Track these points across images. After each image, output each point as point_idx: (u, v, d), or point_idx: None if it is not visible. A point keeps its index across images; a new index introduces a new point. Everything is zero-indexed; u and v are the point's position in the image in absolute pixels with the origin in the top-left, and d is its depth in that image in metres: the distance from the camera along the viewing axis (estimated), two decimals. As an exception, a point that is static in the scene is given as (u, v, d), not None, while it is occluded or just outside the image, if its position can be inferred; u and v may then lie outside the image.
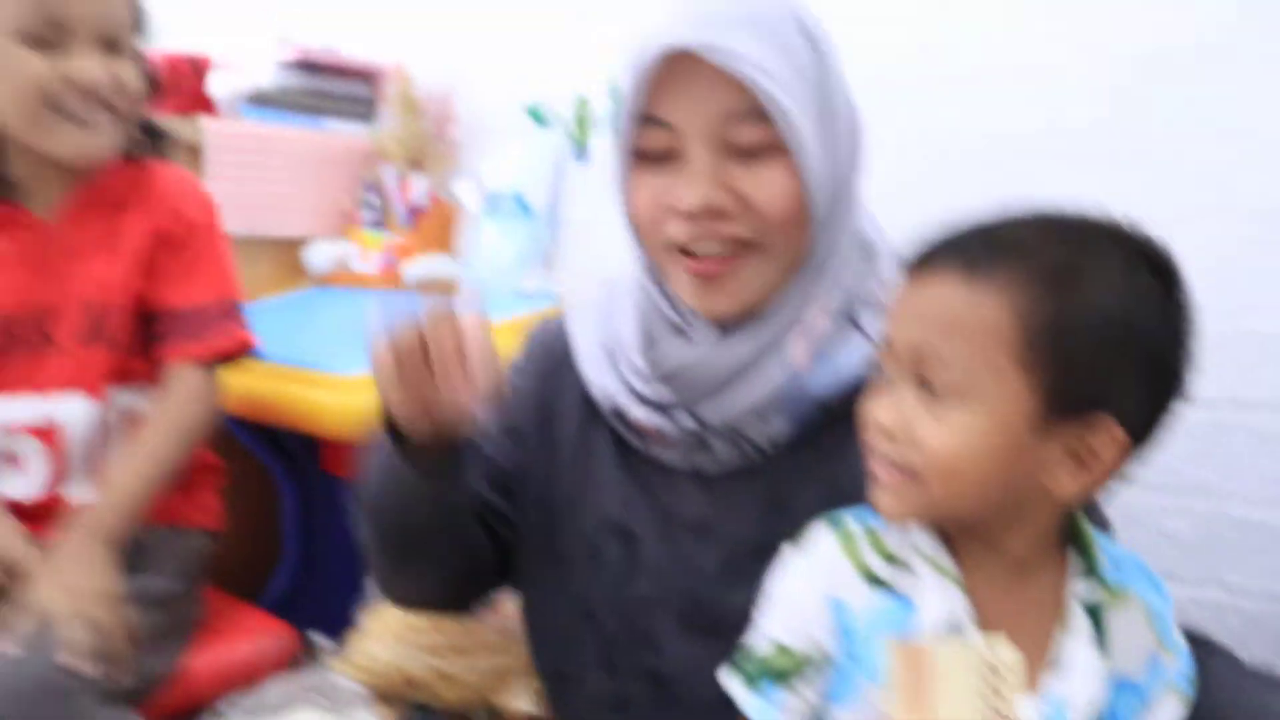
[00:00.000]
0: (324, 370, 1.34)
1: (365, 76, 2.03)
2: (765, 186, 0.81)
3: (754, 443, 0.86)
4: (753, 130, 0.79)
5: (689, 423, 0.86)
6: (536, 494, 0.95)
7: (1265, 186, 1.15)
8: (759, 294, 0.84)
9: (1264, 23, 1.16)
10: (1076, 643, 0.68)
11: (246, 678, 1.15)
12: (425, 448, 0.81)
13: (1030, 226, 0.66)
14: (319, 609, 1.48)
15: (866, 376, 0.81)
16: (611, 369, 0.91)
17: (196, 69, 1.85)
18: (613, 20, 1.64)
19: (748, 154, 0.80)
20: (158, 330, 1.17)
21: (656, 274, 0.89)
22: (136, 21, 1.14)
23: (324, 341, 1.53)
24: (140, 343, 1.17)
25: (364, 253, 1.82)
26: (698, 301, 0.85)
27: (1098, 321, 0.62)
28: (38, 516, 1.13)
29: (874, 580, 0.70)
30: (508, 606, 1.27)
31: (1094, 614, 0.69)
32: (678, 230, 0.82)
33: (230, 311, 1.20)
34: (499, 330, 1.35)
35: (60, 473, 1.15)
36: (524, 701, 1.18)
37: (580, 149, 1.71)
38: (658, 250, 0.86)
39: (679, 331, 0.88)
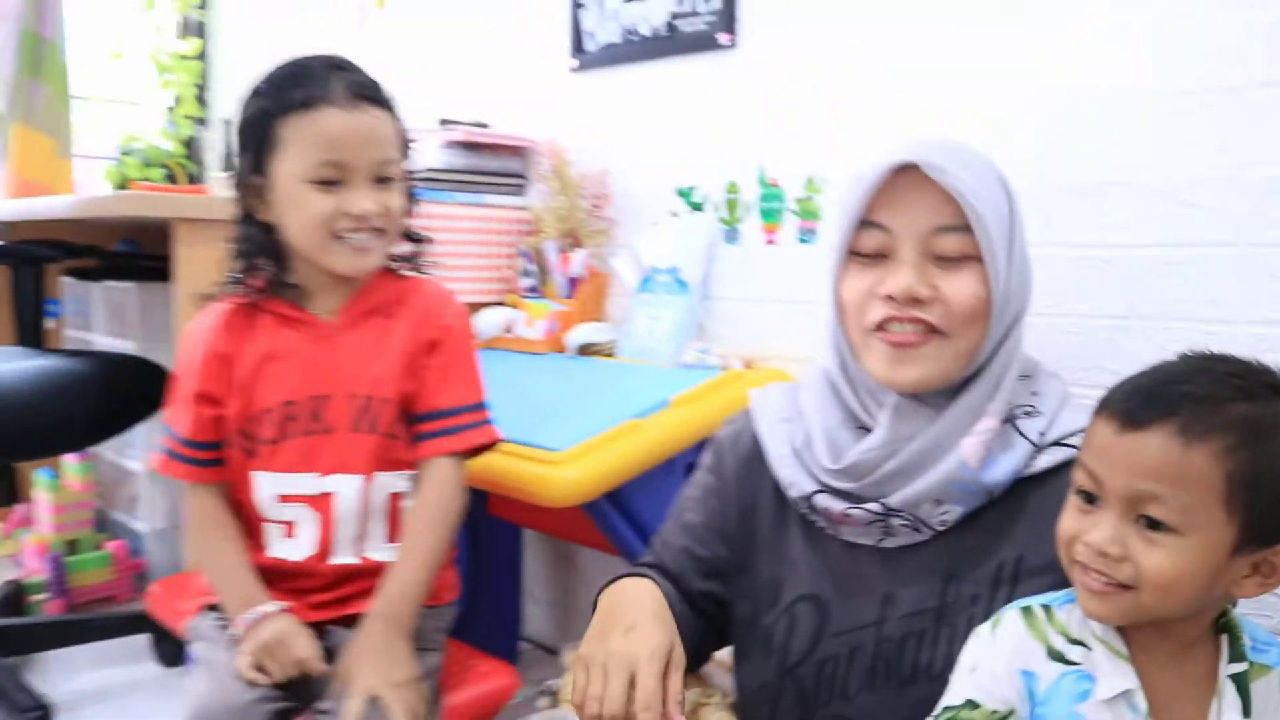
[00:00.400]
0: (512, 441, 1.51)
1: (518, 152, 2.22)
2: (959, 286, 0.98)
3: (929, 524, 1.02)
4: (955, 240, 0.98)
5: (875, 508, 1.02)
6: (742, 578, 1.13)
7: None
8: (938, 375, 1.01)
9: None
10: (1228, 710, 0.83)
11: (490, 713, 1.34)
12: None
13: (1221, 385, 0.81)
14: (484, 640, 1.62)
15: (1024, 468, 0.99)
16: (801, 467, 1.08)
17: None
18: (764, 116, 1.84)
19: (947, 261, 0.99)
20: (419, 428, 1.32)
21: (847, 363, 1.07)
22: (404, 153, 1.32)
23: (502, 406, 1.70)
24: (402, 433, 1.32)
25: (529, 319, 2.01)
26: (889, 371, 1.01)
27: None
28: (304, 578, 1.31)
29: (1058, 657, 0.86)
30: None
31: (1241, 685, 0.84)
32: (879, 312, 1.00)
33: (481, 411, 1.34)
34: (670, 409, 1.53)
35: (327, 541, 1.30)
36: None
37: (731, 231, 1.89)
38: (858, 332, 1.04)
39: (863, 429, 1.06)
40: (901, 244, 1.00)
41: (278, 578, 1.30)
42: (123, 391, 1.99)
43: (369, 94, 1.25)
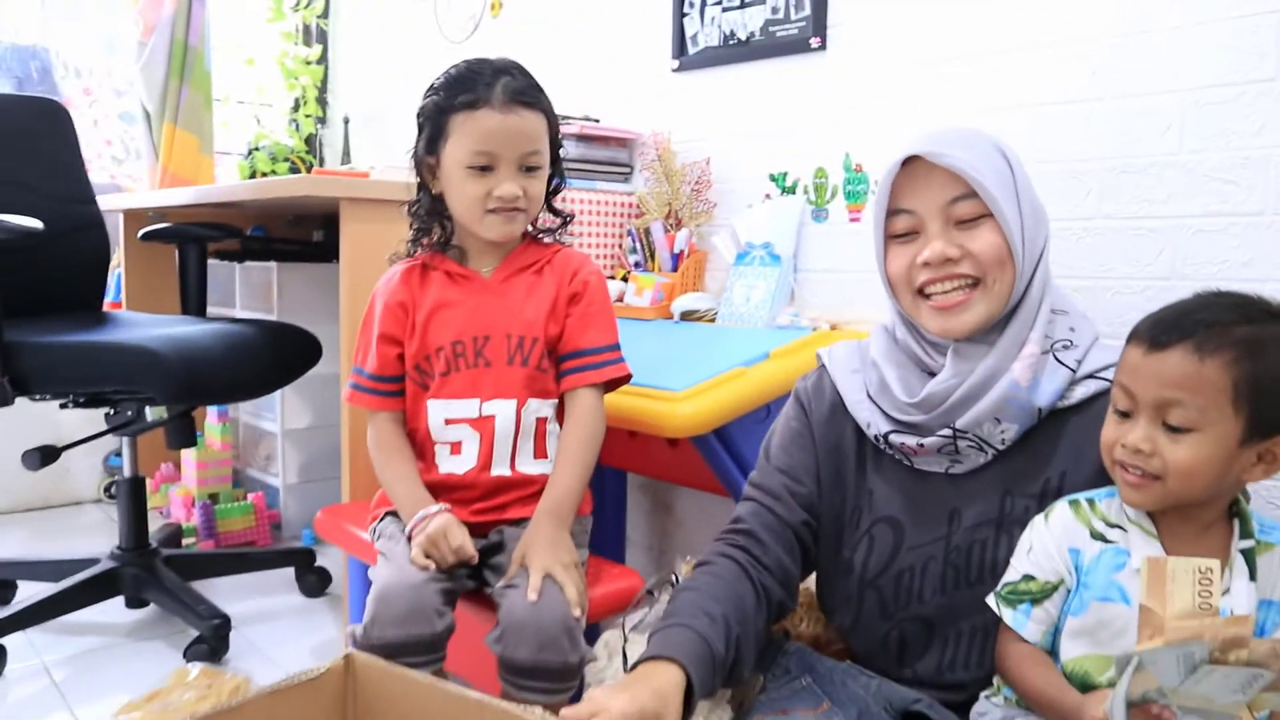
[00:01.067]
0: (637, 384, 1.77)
1: (624, 144, 2.50)
2: (981, 240, 1.18)
3: (991, 443, 1.20)
4: (968, 205, 1.18)
5: (945, 433, 1.21)
6: (830, 509, 1.33)
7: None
8: (985, 318, 1.20)
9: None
10: (1238, 579, 1.01)
11: (621, 605, 1.59)
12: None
13: (1228, 312, 1.01)
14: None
15: (1064, 393, 1.20)
16: (876, 409, 1.29)
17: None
18: (849, 110, 2.09)
19: (966, 223, 1.19)
20: (565, 365, 1.58)
21: (909, 322, 1.28)
22: (553, 145, 1.59)
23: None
24: (549, 367, 1.58)
25: (638, 289, 2.27)
26: (944, 326, 1.21)
27: (1277, 375, 1.00)
28: (467, 489, 1.57)
29: (1099, 537, 1.08)
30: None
31: (1248, 558, 1.03)
32: (921, 277, 1.21)
33: (615, 351, 1.60)
34: (770, 360, 1.76)
35: (487, 456, 1.56)
36: (809, 626, 1.43)
37: (819, 211, 2.15)
38: (908, 299, 1.24)
39: (928, 370, 1.27)
40: (927, 220, 1.21)
41: (445, 490, 1.56)
42: (284, 351, 2.29)
43: (523, 99, 1.51)
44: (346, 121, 3.46)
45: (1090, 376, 1.20)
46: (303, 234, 3.21)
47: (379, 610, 1.36)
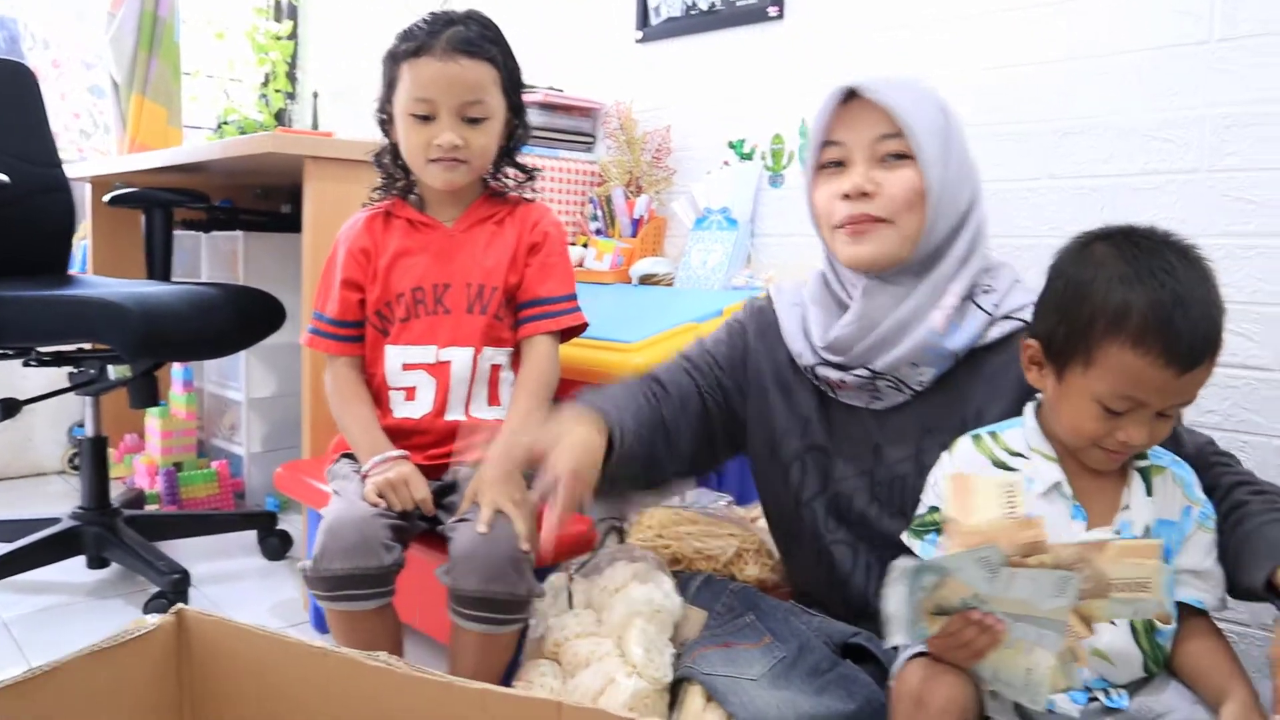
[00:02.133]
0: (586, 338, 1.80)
1: (588, 113, 2.53)
2: (896, 179, 1.21)
3: (909, 385, 1.25)
4: (894, 144, 1.21)
5: (863, 373, 1.26)
6: (760, 418, 1.39)
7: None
8: (887, 254, 1.23)
9: None
10: (1136, 494, 1.06)
11: (574, 550, 1.62)
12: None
13: (1214, 307, 1.00)
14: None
15: (981, 336, 1.23)
16: (806, 343, 1.34)
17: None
18: (806, 77, 2.13)
19: (890, 161, 1.22)
20: (522, 313, 1.61)
21: (831, 258, 1.32)
22: (507, 99, 1.59)
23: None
24: (506, 316, 1.61)
25: (598, 254, 2.31)
26: (848, 252, 1.24)
27: None
28: (422, 434, 1.59)
29: (1001, 465, 1.11)
30: (737, 509, 1.72)
31: (1145, 477, 1.07)
32: (841, 211, 1.24)
33: (572, 300, 1.63)
34: (722, 317, 1.80)
35: (442, 402, 1.58)
36: (754, 570, 1.51)
37: (775, 176, 2.19)
38: (828, 230, 1.28)
39: (845, 309, 1.29)
40: (854, 153, 1.24)
41: (400, 435, 1.58)
42: (247, 312, 2.31)
43: (466, 48, 1.52)
44: (316, 96, 3.48)
45: (1006, 317, 1.24)
46: (271, 206, 3.22)
47: (327, 543, 1.37)
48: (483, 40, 1.54)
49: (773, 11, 2.18)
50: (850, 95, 1.25)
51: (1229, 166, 1.60)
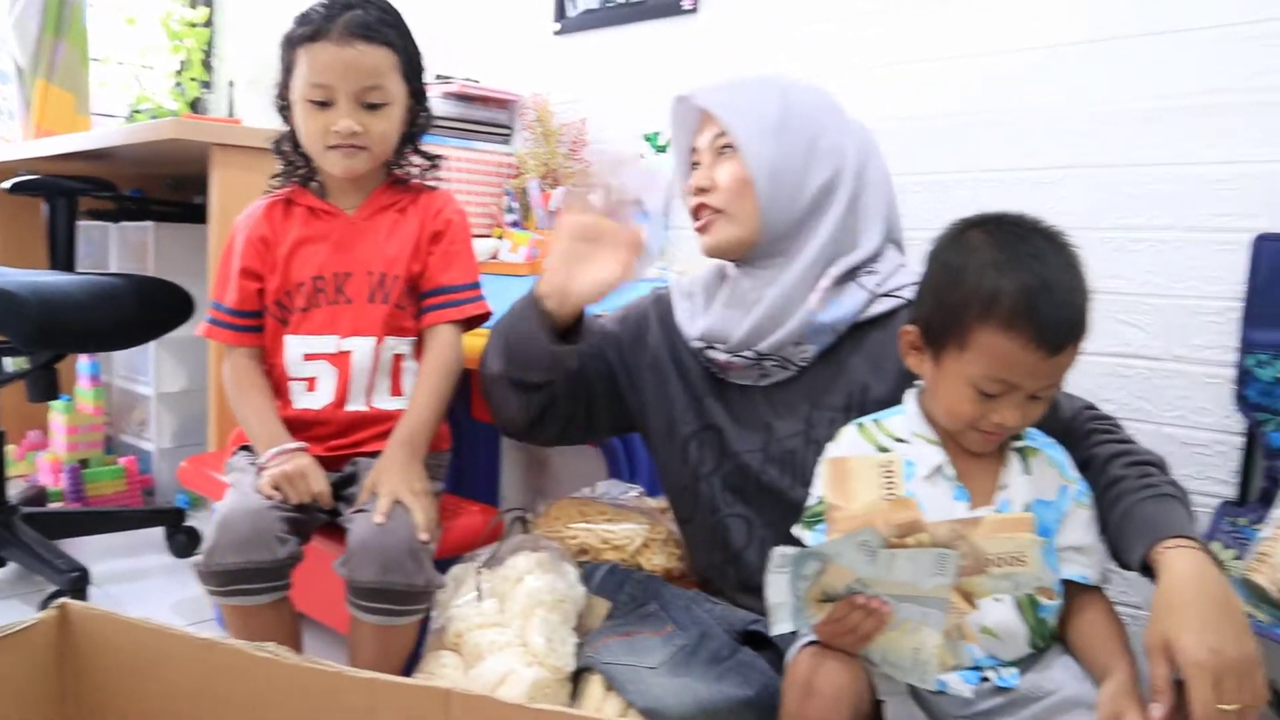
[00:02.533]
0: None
1: (504, 105, 2.51)
2: (723, 171, 1.30)
3: (793, 362, 1.29)
4: (724, 139, 1.29)
5: (749, 354, 1.29)
6: (657, 398, 1.42)
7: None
8: (732, 242, 1.31)
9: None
10: (1014, 473, 1.09)
11: (479, 541, 1.61)
12: (558, 321, 1.30)
13: (1080, 290, 1.04)
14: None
15: (863, 312, 1.26)
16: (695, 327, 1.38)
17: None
18: (720, 69, 2.14)
19: (722, 154, 1.30)
20: (425, 302, 1.59)
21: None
22: (408, 85, 1.56)
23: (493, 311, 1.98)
24: (408, 305, 1.58)
25: (513, 246, 2.29)
26: (700, 244, 1.35)
27: None
28: (323, 425, 1.56)
29: (883, 450, 1.13)
30: (647, 500, 1.72)
31: (1022, 457, 1.10)
32: (690, 204, 1.36)
33: (475, 289, 1.61)
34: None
35: (343, 392, 1.56)
36: (660, 559, 1.49)
37: (689, 169, 2.20)
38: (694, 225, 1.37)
39: (713, 298, 1.35)
40: (703, 154, 1.34)
41: (301, 426, 1.55)
42: (154, 304, 2.25)
43: (363, 32, 1.48)
44: (231, 85, 3.41)
45: (888, 294, 1.27)
46: (184, 197, 3.14)
47: (219, 536, 1.33)
48: (381, 25, 1.51)
49: (687, 5, 2.19)
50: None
51: (1121, 161, 1.64)
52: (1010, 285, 1.01)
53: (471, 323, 1.63)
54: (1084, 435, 1.18)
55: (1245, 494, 1.56)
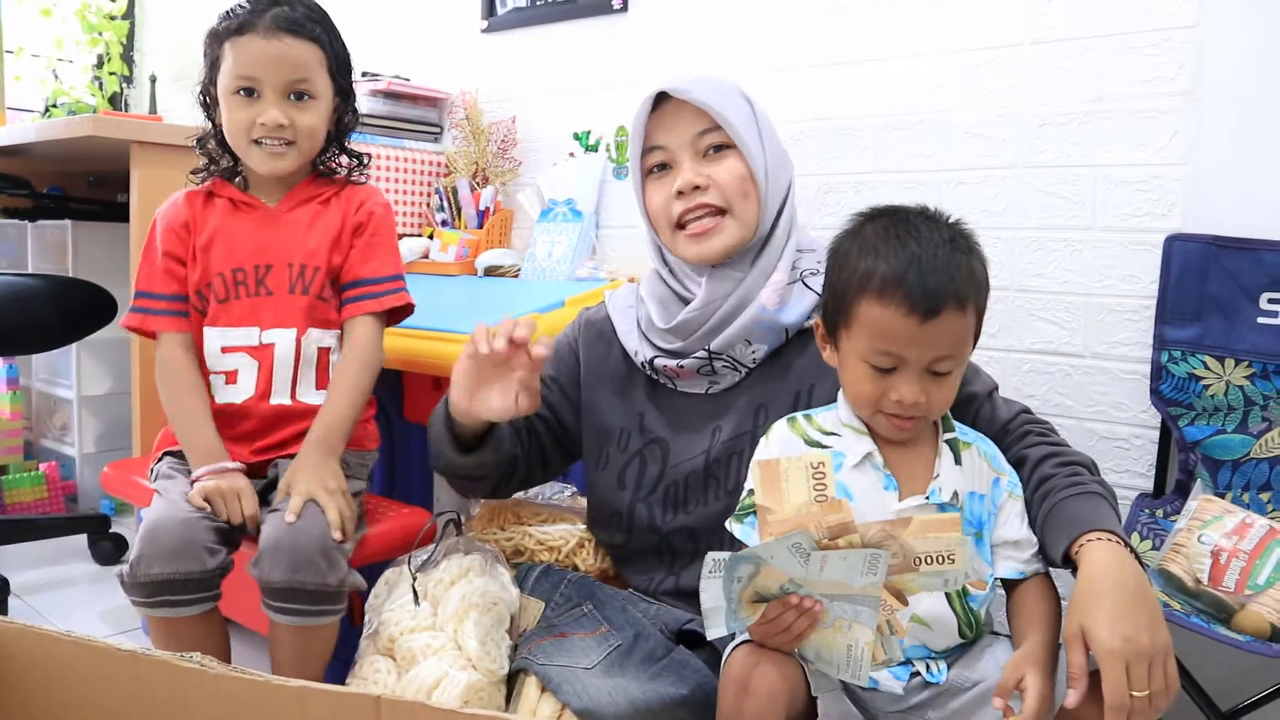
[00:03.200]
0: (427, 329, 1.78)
1: (433, 103, 2.49)
2: (725, 169, 1.27)
3: (743, 363, 1.29)
4: (714, 137, 1.27)
5: (701, 354, 1.29)
6: (593, 425, 1.40)
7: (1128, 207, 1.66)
8: (735, 243, 1.28)
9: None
10: (946, 464, 1.11)
11: (408, 544, 1.60)
12: (468, 435, 1.28)
13: (957, 253, 1.06)
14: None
15: (811, 314, 1.27)
16: (643, 339, 1.38)
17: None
18: (649, 69, 2.15)
19: (713, 154, 1.28)
20: (346, 294, 1.57)
21: (666, 256, 1.34)
22: (338, 80, 1.56)
23: (423, 311, 1.97)
24: (330, 297, 1.57)
25: (443, 246, 2.28)
26: (696, 252, 1.28)
27: (988, 287, 1.11)
28: (244, 418, 1.54)
29: (814, 444, 1.15)
30: (581, 500, 1.72)
31: (953, 448, 1.12)
32: (677, 209, 1.28)
33: (398, 281, 1.59)
34: (565, 307, 1.82)
35: (265, 385, 1.53)
36: (595, 560, 1.49)
37: (619, 168, 2.20)
38: (667, 233, 1.31)
39: (685, 300, 1.33)
40: (678, 153, 1.29)
41: (223, 422, 1.53)
42: (74, 306, 2.20)
43: (291, 27, 1.48)
44: (154, 80, 3.33)
45: None
46: (105, 195, 3.07)
47: (145, 547, 1.31)
48: (308, 20, 1.51)
49: (617, 4, 2.19)
50: (661, 99, 1.30)
51: (1042, 163, 1.68)
52: (883, 261, 1.06)
53: (394, 315, 1.62)
54: (1019, 437, 1.21)
55: (1161, 486, 1.60)
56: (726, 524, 1.18)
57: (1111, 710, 0.91)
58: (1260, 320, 1.49)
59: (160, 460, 1.56)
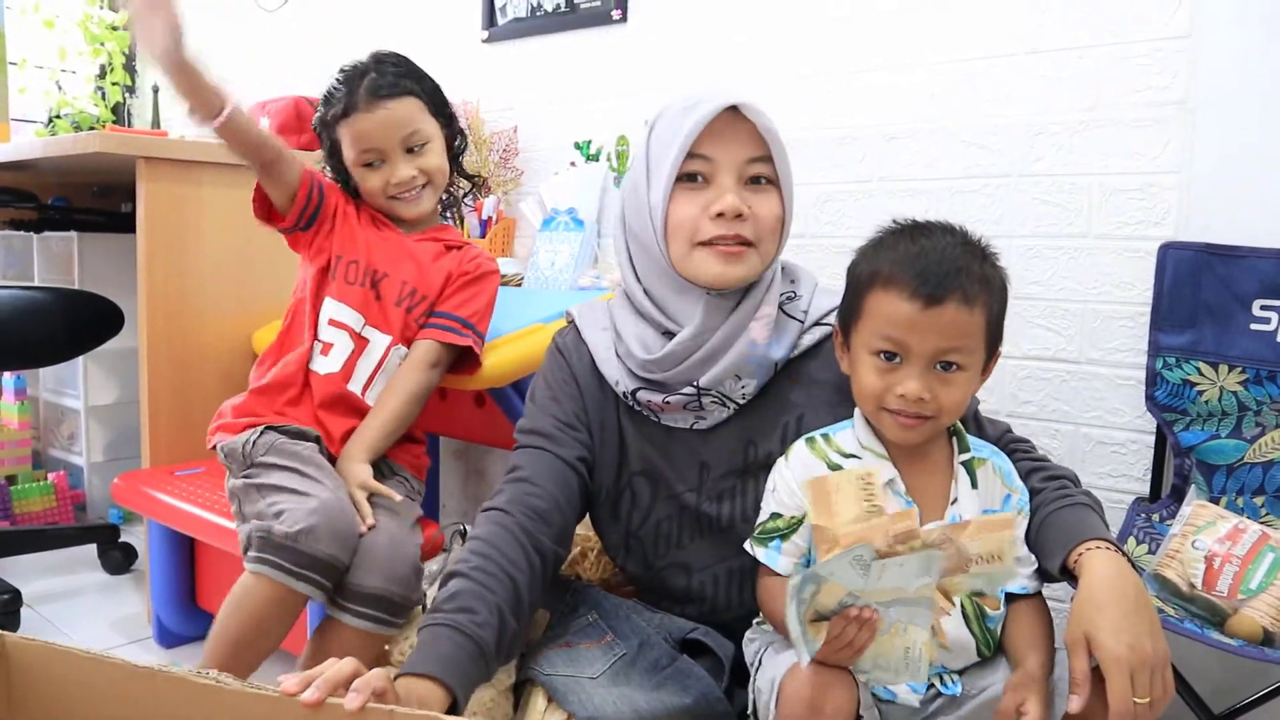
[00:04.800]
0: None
1: (435, 113, 2.51)
2: (766, 205, 1.20)
3: (732, 399, 1.25)
4: (762, 168, 1.20)
5: (689, 390, 1.24)
6: (600, 457, 1.34)
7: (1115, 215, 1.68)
8: (749, 276, 1.22)
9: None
10: (963, 488, 1.11)
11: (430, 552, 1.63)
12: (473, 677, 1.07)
13: (969, 256, 1.08)
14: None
15: (796, 344, 1.25)
16: (623, 368, 1.28)
17: (319, 110, 2.31)
18: (650, 79, 2.17)
19: (757, 185, 1.21)
20: (428, 319, 1.68)
21: (646, 277, 1.26)
22: (439, 115, 1.70)
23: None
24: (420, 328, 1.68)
25: (447, 255, 2.30)
26: (716, 273, 1.19)
27: (1005, 302, 1.12)
28: (320, 390, 1.62)
29: (834, 467, 1.14)
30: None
31: (969, 470, 1.13)
32: (710, 230, 1.18)
33: (476, 331, 1.69)
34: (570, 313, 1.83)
35: (350, 369, 1.63)
36: (597, 569, 1.51)
37: (620, 177, 2.22)
38: (685, 246, 1.20)
39: (664, 330, 1.26)
40: (721, 171, 1.19)
41: (299, 384, 1.63)
42: (81, 319, 2.22)
43: (385, 92, 1.63)
44: (156, 90, 3.35)
45: (817, 324, 1.28)
46: (110, 206, 3.09)
47: (318, 522, 1.37)
48: (398, 78, 1.66)
49: (616, 15, 2.21)
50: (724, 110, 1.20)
51: (1037, 172, 1.70)
52: (893, 253, 1.10)
53: (461, 362, 1.71)
54: (1007, 455, 1.22)
55: (1157, 491, 1.62)
56: (746, 546, 1.18)
57: (1116, 717, 0.93)
58: (1253, 327, 1.51)
59: (262, 433, 1.57)
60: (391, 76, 1.64)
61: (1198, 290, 1.54)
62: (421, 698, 0.98)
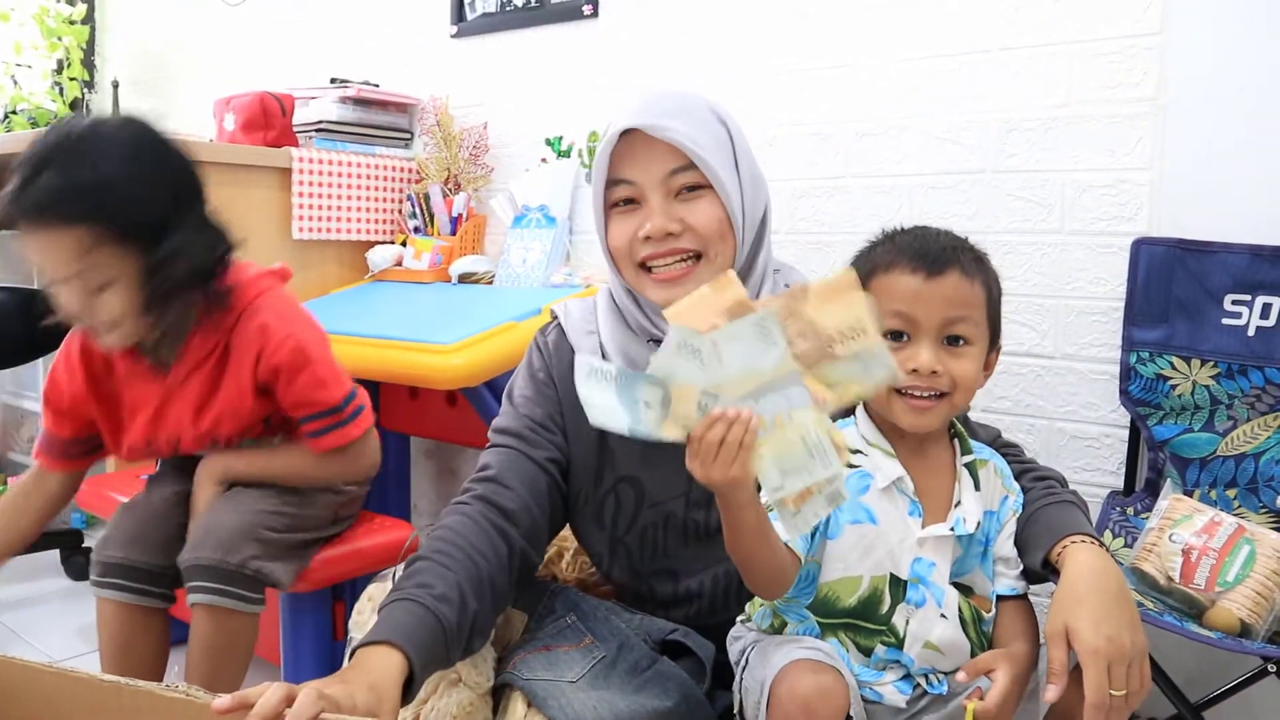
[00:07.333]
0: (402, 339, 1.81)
1: (404, 109, 2.48)
2: (701, 212, 1.16)
3: None
4: (688, 176, 1.15)
5: None
6: (577, 462, 1.31)
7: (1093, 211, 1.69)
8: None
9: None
10: (967, 490, 1.11)
11: (391, 558, 1.61)
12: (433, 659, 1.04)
13: (957, 240, 1.11)
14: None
15: None
16: None
17: (285, 108, 2.27)
18: (620, 74, 2.15)
19: (687, 194, 1.16)
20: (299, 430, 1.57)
21: (631, 291, 1.23)
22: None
23: (390, 321, 1.97)
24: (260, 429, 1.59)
25: (416, 253, 2.27)
26: (663, 298, 1.14)
27: (1000, 295, 1.12)
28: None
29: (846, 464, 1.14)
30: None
31: (972, 472, 1.13)
32: (643, 251, 1.17)
33: (340, 405, 1.55)
34: (543, 315, 1.81)
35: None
36: (574, 570, 1.47)
37: (590, 173, 2.20)
38: (631, 272, 1.20)
39: (651, 336, 1.24)
40: (647, 191, 1.16)
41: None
42: (39, 319, 2.17)
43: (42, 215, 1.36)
44: (116, 85, 3.29)
45: None
46: (67, 203, 3.02)
47: (110, 529, 1.43)
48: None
49: (587, 10, 2.19)
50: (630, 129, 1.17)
51: (1011, 168, 1.71)
52: (890, 246, 1.11)
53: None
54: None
55: (1131, 484, 1.63)
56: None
57: (1092, 708, 0.94)
58: (1224, 321, 1.52)
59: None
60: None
61: (1170, 285, 1.55)
62: (375, 664, 0.96)
